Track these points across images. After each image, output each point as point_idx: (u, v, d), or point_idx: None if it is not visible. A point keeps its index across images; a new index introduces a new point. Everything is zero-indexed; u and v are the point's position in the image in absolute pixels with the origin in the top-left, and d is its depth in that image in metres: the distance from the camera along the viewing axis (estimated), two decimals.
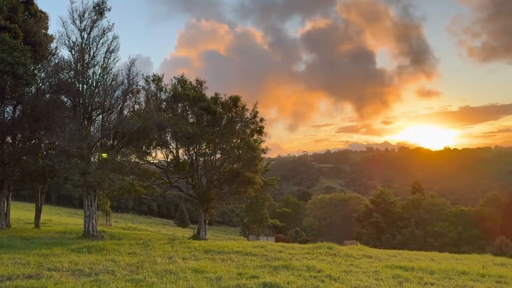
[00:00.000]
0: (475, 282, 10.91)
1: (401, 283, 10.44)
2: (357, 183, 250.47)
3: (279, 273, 11.33)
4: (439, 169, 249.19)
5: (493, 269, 13.42)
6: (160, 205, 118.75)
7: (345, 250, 17.30)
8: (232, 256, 14.58)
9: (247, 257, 14.70)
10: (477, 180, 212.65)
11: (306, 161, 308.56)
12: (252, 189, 32.82)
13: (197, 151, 31.42)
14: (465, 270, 12.57)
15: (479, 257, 18.01)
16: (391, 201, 69.10)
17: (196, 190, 32.32)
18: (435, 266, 13.36)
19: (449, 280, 11.14)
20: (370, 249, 19.28)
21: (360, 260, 14.80)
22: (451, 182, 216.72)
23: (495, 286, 10.58)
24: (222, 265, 12.64)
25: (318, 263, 13.37)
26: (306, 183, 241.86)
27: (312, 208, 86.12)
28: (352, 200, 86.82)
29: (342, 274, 11.38)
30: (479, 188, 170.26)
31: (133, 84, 24.20)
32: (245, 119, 32.50)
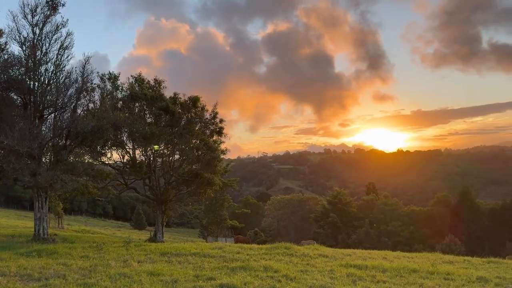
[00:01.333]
0: (425, 280, 11.36)
1: (355, 282, 10.72)
2: (315, 184, 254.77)
3: (236, 274, 11.33)
4: (393, 171, 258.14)
5: (441, 266, 14.02)
6: (116, 207, 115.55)
7: (302, 250, 17.54)
8: (189, 258, 14.43)
9: (205, 259, 14.60)
10: (428, 181, 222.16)
11: (266, 162, 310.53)
12: (211, 190, 32.64)
13: (155, 152, 30.88)
14: (415, 268, 13.05)
15: (429, 255, 18.76)
16: (347, 202, 70.79)
17: (153, 191, 31.75)
18: (388, 264, 13.80)
19: (400, 278, 11.54)
20: (326, 249, 19.66)
21: (316, 260, 15.06)
22: (404, 183, 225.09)
23: (443, 283, 11.06)
24: (179, 267, 12.49)
25: (276, 263, 13.48)
26: (266, 184, 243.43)
27: (271, 209, 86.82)
28: (310, 200, 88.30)
29: (299, 274, 11.53)
30: (429, 189, 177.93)
31: (87, 82, 23.45)
32: (204, 119, 32.32)
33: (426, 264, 14.01)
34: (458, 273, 12.42)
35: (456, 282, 11.19)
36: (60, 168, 20.98)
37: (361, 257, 17.15)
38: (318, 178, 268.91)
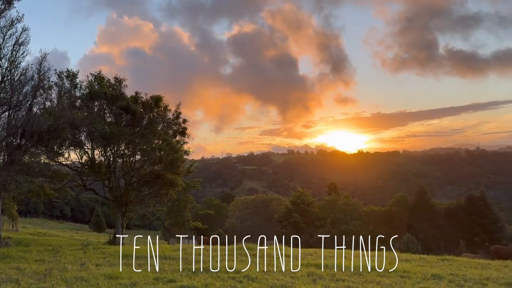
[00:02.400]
0: (382, 278, 11.70)
1: (315, 281, 10.90)
2: (279, 184, 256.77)
3: (197, 276, 11.25)
4: (354, 171, 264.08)
5: (398, 264, 14.45)
6: (74, 209, 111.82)
7: (264, 250, 17.62)
8: (150, 261, 14.18)
9: (166, 261, 14.41)
10: (386, 181, 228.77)
11: (230, 163, 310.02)
12: (174, 191, 32.21)
13: (115, 152, 30.14)
14: (373, 266, 13.41)
15: (387, 253, 19.29)
16: (309, 202, 71.72)
17: (113, 193, 30.96)
18: (347, 263, 14.10)
19: (359, 276, 11.83)
20: (288, 249, 19.84)
21: (278, 260, 15.17)
22: (364, 183, 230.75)
23: (399, 281, 11.42)
24: (139, 270, 12.25)
25: (238, 264, 13.49)
26: (230, 185, 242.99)
27: (234, 210, 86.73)
28: (274, 201, 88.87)
29: (260, 274, 11.59)
30: (388, 189, 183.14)
31: (44, 80, 22.57)
32: (167, 119, 31.86)
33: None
34: (414, 271, 12.87)
35: (412, 279, 11.59)
36: (15, 168, 20.09)
37: (321, 256, 17.42)
38: (281, 178, 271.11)
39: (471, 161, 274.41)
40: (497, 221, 60.88)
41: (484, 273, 13.31)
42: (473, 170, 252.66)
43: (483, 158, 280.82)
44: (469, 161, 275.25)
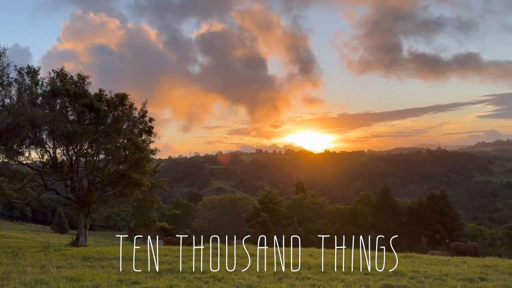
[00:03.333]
0: (346, 275, 11.92)
1: (281, 279, 10.98)
2: (247, 184, 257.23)
3: (162, 277, 11.11)
4: (320, 170, 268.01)
5: (363, 262, 14.76)
6: (35, 210, 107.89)
7: (232, 250, 17.60)
8: (113, 263, 13.90)
9: (130, 262, 14.10)
10: (352, 180, 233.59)
11: (198, 163, 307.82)
12: (139, 191, 31.58)
13: (78, 151, 29.27)
14: (338, 264, 13.65)
15: (351, 251, 19.66)
16: (277, 201, 72.19)
17: (75, 193, 30.05)
18: (313, 261, 14.31)
19: (324, 274, 12.02)
20: (255, 248, 19.89)
21: (245, 259, 15.19)
22: (330, 182, 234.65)
23: (363, 278, 11.67)
24: (101, 272, 11.98)
25: (204, 264, 13.40)
26: (198, 185, 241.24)
27: (202, 210, 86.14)
28: (242, 200, 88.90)
29: (227, 274, 11.57)
30: (353, 188, 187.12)
31: (3, 76, 21.71)
32: (132, 118, 31.21)
33: (348, 260, 14.69)
34: (377, 268, 13.18)
35: (375, 276, 11.87)
36: None
37: (288, 255, 17.56)
38: (250, 178, 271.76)
39: (433, 160, 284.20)
40: (457, 219, 63.25)
41: (444, 269, 13.78)
42: (435, 170, 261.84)
43: (444, 158, 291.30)
44: (431, 160, 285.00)
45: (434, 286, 10.75)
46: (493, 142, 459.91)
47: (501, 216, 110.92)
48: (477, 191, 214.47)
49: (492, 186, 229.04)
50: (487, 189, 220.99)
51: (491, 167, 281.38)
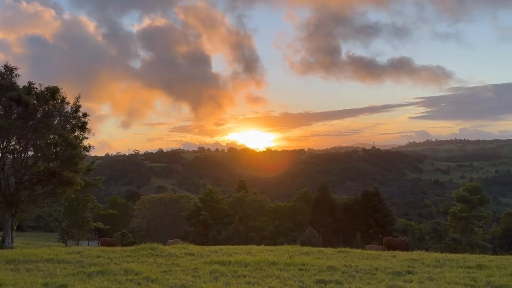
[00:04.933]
0: (282, 271, 12.05)
1: (217, 278, 10.88)
2: (189, 182, 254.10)
3: (92, 280, 10.60)
4: (262, 168, 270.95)
5: (298, 258, 15.03)
6: None
7: (168, 250, 17.21)
8: (40, 265, 13.06)
9: (59, 265, 13.35)
10: (293, 178, 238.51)
11: (137, 160, 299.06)
12: (72, 190, 30.05)
13: (4, 148, 27.28)
14: (275, 261, 13.78)
15: (289, 247, 19.98)
16: (218, 199, 71.83)
17: (1, 192, 27.99)
18: (250, 258, 14.32)
19: (260, 271, 12.07)
20: (194, 247, 19.63)
21: (182, 259, 14.91)
22: (272, 180, 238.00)
23: (298, 274, 11.86)
24: (26, 275, 11.21)
25: (138, 265, 12.98)
26: (137, 183, 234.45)
27: (141, 209, 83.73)
28: (182, 199, 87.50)
29: (161, 275, 11.26)
30: (294, 186, 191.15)
31: None
32: (65, 113, 29.63)
33: (285, 257, 14.90)
34: (312, 264, 13.46)
35: (309, 272, 12.11)
36: None
37: (226, 253, 17.51)
38: (191, 176, 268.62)
39: (368, 159, 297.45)
40: (389, 214, 66.49)
41: (374, 263, 14.36)
42: (369, 168, 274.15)
43: (378, 156, 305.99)
44: (366, 159, 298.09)
45: (365, 280, 11.16)
46: (423, 142, 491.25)
47: (430, 212, 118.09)
48: (408, 188, 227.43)
49: (422, 184, 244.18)
50: (417, 186, 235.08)
51: (421, 165, 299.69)
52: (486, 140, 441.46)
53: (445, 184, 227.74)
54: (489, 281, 10.89)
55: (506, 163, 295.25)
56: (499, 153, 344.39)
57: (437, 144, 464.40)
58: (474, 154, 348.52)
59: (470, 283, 10.66)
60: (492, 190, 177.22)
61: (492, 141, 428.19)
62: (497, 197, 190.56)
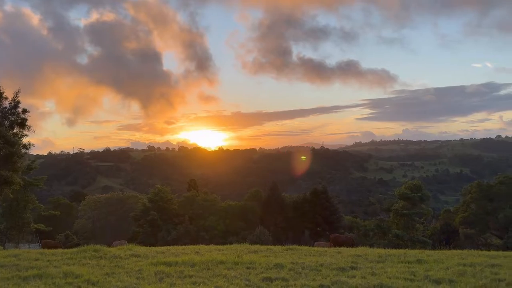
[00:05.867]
0: (229, 270, 12.00)
1: (162, 279, 10.64)
2: (137, 182, 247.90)
3: (28, 284, 10.03)
4: (214, 168, 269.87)
5: (246, 256, 15.02)
6: None
7: (113, 252, 16.64)
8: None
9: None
10: (244, 177, 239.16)
11: (83, 159, 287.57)
12: (10, 190, 28.34)
13: None
14: (223, 260, 13.69)
15: (238, 246, 19.96)
16: (168, 199, 70.65)
17: None
18: (198, 258, 14.14)
19: (208, 271, 11.94)
20: (140, 248, 19.12)
21: (126, 260, 14.47)
22: (223, 179, 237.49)
23: (245, 272, 11.85)
24: None
25: (79, 268, 12.44)
26: (82, 183, 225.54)
27: (86, 209, 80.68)
28: (130, 199, 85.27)
29: (103, 277, 10.85)
30: (245, 185, 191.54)
31: None
32: (2, 109, 27.91)
33: (233, 255, 14.85)
34: (260, 262, 13.51)
35: (257, 270, 12.14)
36: None
37: (174, 253, 17.20)
38: (140, 176, 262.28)
39: (317, 158, 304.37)
40: (336, 212, 68.47)
41: (320, 260, 14.65)
42: (318, 167, 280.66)
43: (327, 156, 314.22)
44: (315, 158, 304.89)
45: (310, 276, 11.35)
46: (368, 142, 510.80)
47: (374, 209, 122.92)
48: (354, 186, 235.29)
49: (367, 182, 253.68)
50: (362, 185, 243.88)
51: (366, 165, 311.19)
52: (427, 140, 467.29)
53: (389, 183, 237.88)
54: (427, 275, 11.43)
55: (445, 163, 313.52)
56: (438, 153, 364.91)
57: (381, 144, 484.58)
58: (416, 154, 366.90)
59: (410, 277, 11.14)
60: (432, 188, 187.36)
61: (432, 142, 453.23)
62: (436, 195, 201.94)
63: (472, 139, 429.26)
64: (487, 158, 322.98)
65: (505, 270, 11.63)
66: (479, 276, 11.08)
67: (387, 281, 10.59)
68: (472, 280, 10.57)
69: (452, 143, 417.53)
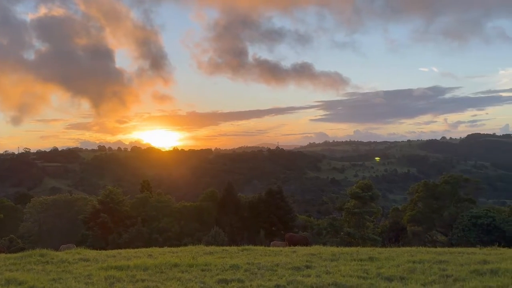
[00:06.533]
0: (184, 273, 11.74)
1: (113, 284, 10.23)
2: (87, 183, 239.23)
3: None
4: (168, 168, 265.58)
5: (202, 258, 14.80)
6: None
7: (60, 256, 15.88)
8: None
9: None
10: (199, 178, 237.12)
11: (29, 159, 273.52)
12: None
13: None
14: (177, 263, 13.40)
15: (193, 248, 19.69)
16: (119, 200, 68.50)
17: None
18: (151, 261, 13.76)
19: (161, 274, 11.63)
20: (89, 252, 18.38)
21: (75, 265, 13.83)
22: (178, 180, 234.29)
23: (200, 274, 11.64)
24: None
25: (23, 274, 11.73)
26: (27, 184, 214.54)
27: (31, 212, 76.58)
28: (79, 201, 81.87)
29: (49, 283, 10.28)
30: (200, 185, 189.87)
31: None
32: None
33: (188, 258, 14.58)
34: (215, 263, 13.34)
35: (212, 272, 11.97)
36: None
37: (126, 257, 16.67)
38: (90, 176, 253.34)
39: (272, 158, 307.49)
40: (291, 212, 69.20)
41: (276, 259, 14.70)
42: (274, 167, 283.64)
43: (282, 156, 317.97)
44: (271, 158, 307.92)
45: (266, 277, 11.32)
46: (322, 143, 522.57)
47: (327, 208, 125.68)
48: (308, 186, 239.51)
49: (320, 182, 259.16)
50: (316, 184, 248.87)
51: (319, 165, 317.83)
52: (376, 141, 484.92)
53: (341, 182, 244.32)
54: (379, 272, 11.73)
55: (393, 163, 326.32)
56: (387, 153, 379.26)
57: (334, 145, 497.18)
58: (366, 154, 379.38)
59: (363, 275, 11.38)
60: (381, 187, 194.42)
61: (381, 143, 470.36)
62: (385, 194, 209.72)
63: (419, 140, 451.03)
64: (433, 158, 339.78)
65: (452, 266, 12.15)
66: (428, 273, 11.52)
67: (341, 279, 10.76)
68: (421, 277, 10.95)
69: (400, 144, 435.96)
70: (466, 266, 12.20)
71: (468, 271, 11.38)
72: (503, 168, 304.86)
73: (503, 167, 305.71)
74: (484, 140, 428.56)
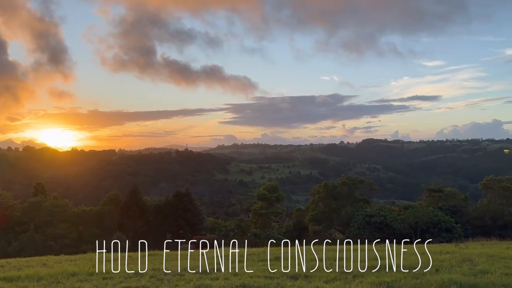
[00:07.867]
0: (83, 283, 10.97)
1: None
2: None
3: None
4: (66, 170, 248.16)
5: (102, 266, 13.98)
6: None
7: None
8: None
9: None
10: (101, 180, 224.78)
11: None
12: None
13: None
14: (75, 271, 12.51)
15: (93, 255, 18.55)
16: (9, 205, 62.55)
17: None
18: (45, 271, 12.67)
19: (57, 285, 10.74)
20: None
21: None
22: (77, 182, 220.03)
23: (101, 283, 10.95)
24: None
25: None
26: None
27: None
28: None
29: None
30: (102, 188, 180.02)
31: None
32: None
33: (87, 266, 13.70)
34: (118, 271, 12.66)
35: (114, 280, 11.34)
36: None
37: (16, 266, 15.18)
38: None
39: (181, 160, 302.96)
40: (199, 214, 68.75)
41: (183, 264, 14.40)
42: (182, 169, 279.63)
43: (190, 158, 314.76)
44: (179, 160, 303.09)
45: (173, 282, 11.03)
46: (230, 145, 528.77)
47: (235, 210, 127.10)
48: (216, 188, 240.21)
49: (228, 184, 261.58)
50: (224, 186, 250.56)
51: (228, 167, 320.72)
52: (282, 145, 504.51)
53: (248, 184, 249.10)
54: (285, 272, 12.10)
55: (297, 165, 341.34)
56: (292, 156, 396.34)
57: (242, 147, 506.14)
58: (272, 157, 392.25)
59: (269, 275, 11.64)
60: (286, 188, 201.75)
61: (287, 146, 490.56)
62: (289, 195, 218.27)
63: (320, 144, 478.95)
64: (332, 161, 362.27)
65: (350, 263, 12.97)
66: (330, 270, 12.16)
67: (249, 281, 10.88)
68: (324, 274, 11.53)
69: (303, 148, 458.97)
70: (362, 262, 13.11)
71: (365, 267, 12.26)
72: (392, 170, 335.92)
73: (393, 170, 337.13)
74: (377, 145, 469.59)
